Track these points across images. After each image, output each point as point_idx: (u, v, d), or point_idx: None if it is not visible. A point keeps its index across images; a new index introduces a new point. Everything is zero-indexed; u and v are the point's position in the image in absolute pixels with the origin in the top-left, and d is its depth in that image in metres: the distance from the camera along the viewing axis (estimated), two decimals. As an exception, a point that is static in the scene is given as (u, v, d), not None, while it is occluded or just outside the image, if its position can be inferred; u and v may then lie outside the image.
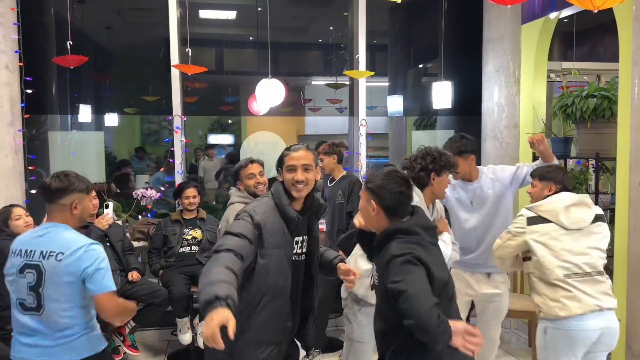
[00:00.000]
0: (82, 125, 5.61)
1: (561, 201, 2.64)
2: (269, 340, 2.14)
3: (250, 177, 3.08)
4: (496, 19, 4.62)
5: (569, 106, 4.03)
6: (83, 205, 2.17)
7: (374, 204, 2.00)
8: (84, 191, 2.17)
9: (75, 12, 5.06)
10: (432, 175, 2.55)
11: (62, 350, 2.10)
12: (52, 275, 2.07)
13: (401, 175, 2.05)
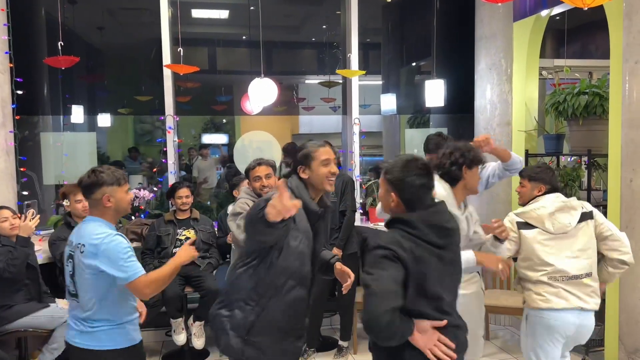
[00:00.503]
0: (74, 126, 5.59)
1: (545, 208, 2.70)
2: (292, 327, 2.16)
3: (256, 179, 3.18)
4: (488, 17, 4.63)
5: (561, 103, 4.05)
6: (116, 198, 2.23)
7: (394, 196, 1.93)
8: (115, 183, 2.23)
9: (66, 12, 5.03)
10: (464, 168, 2.52)
11: (88, 337, 2.22)
12: (78, 267, 2.20)
13: (421, 163, 1.93)
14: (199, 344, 3.98)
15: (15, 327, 3.26)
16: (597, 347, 3.86)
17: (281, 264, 2.08)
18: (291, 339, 2.17)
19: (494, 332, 4.55)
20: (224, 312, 2.13)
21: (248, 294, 2.09)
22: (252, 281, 2.09)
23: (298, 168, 2.16)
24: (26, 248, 3.20)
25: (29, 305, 3.30)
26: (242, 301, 2.10)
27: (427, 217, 1.90)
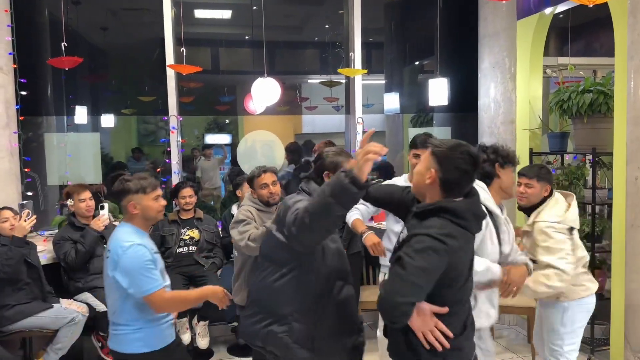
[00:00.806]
0: (78, 126, 5.59)
1: (574, 207, 2.77)
2: (352, 324, 2.17)
3: (263, 187, 3.14)
4: (492, 15, 4.62)
5: (565, 101, 4.03)
6: (142, 205, 2.25)
7: (433, 172, 1.82)
8: (140, 192, 2.25)
9: (69, 13, 5.05)
10: (497, 166, 2.40)
11: (114, 340, 2.31)
12: (104, 270, 2.30)
13: (471, 151, 1.83)
14: (203, 343, 3.98)
15: (19, 328, 3.28)
16: (603, 346, 3.85)
17: (326, 267, 2.08)
18: (354, 336, 2.17)
19: (499, 331, 4.54)
20: (278, 328, 2.07)
21: (300, 305, 2.06)
22: (301, 291, 2.05)
23: (325, 174, 2.20)
24: (21, 248, 3.20)
25: (32, 305, 3.31)
26: (296, 313, 2.06)
27: (473, 207, 1.84)
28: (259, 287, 2.17)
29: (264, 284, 2.13)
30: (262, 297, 2.15)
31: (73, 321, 3.31)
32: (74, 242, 3.66)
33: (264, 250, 2.23)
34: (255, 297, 2.21)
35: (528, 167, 2.98)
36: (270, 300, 2.11)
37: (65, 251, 3.63)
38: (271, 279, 2.10)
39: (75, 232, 3.71)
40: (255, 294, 2.21)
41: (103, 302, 3.55)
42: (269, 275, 2.11)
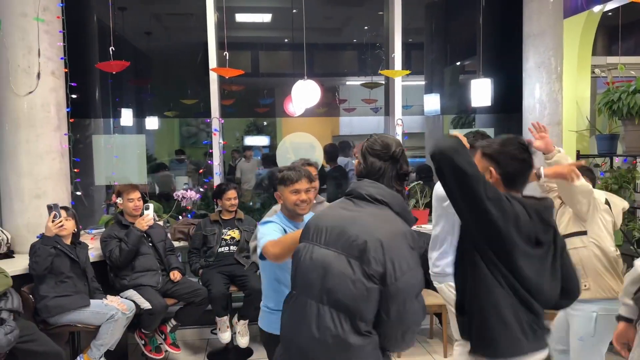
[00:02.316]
0: (123, 128, 5.77)
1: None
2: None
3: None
4: (537, 13, 4.50)
5: (615, 102, 3.89)
6: (284, 196, 2.45)
7: (493, 171, 1.83)
8: (281, 184, 2.46)
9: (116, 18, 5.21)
10: None
11: (259, 318, 2.53)
12: None
13: (520, 140, 1.86)
14: (243, 342, 4.03)
15: (63, 322, 3.35)
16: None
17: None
18: None
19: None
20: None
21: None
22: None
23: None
24: (47, 247, 3.30)
25: (70, 299, 3.36)
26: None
27: (534, 205, 1.84)
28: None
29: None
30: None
31: (112, 318, 3.36)
32: (119, 240, 3.77)
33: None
34: None
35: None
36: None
37: (111, 249, 3.74)
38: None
39: (122, 230, 3.83)
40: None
41: (148, 299, 3.64)
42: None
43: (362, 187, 1.79)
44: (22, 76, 3.77)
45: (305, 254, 1.76)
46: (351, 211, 1.77)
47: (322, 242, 1.73)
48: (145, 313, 3.62)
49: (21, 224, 3.84)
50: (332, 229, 1.73)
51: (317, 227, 1.78)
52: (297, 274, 1.79)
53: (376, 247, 1.62)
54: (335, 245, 1.69)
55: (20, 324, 3.03)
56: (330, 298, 1.65)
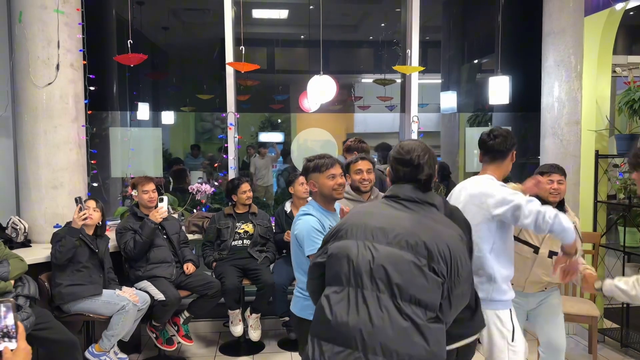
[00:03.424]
0: (140, 122, 5.82)
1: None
2: None
3: (358, 172, 3.19)
4: (557, 11, 4.44)
5: (636, 101, 3.83)
6: (320, 183, 2.51)
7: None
8: (315, 171, 2.51)
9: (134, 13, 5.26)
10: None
11: (292, 302, 2.63)
12: None
13: None
14: (255, 335, 4.04)
15: (76, 310, 3.38)
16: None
17: None
18: None
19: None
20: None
21: None
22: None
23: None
24: (73, 239, 3.34)
25: (83, 288, 3.39)
26: None
27: None
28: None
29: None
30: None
31: (124, 309, 3.37)
32: (134, 232, 3.80)
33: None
34: None
35: (555, 164, 3.00)
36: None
37: (126, 240, 3.77)
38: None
39: (137, 222, 3.85)
40: None
41: (162, 291, 3.67)
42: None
43: (408, 189, 1.90)
44: (42, 67, 3.81)
45: (362, 251, 1.79)
46: (405, 212, 1.86)
47: (383, 241, 1.78)
48: (158, 304, 3.65)
49: (38, 214, 3.89)
50: (391, 228, 1.79)
51: (368, 226, 1.82)
52: (350, 270, 1.78)
53: (444, 249, 1.75)
54: (400, 244, 1.76)
55: (36, 311, 3.06)
56: (402, 292, 1.72)
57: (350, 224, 1.86)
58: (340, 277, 1.79)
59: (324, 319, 1.76)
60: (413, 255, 1.73)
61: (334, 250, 1.83)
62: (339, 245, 1.84)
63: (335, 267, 1.81)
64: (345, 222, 1.89)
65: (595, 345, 3.78)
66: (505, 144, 2.45)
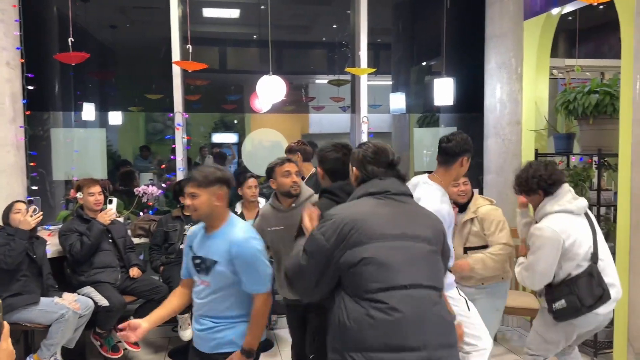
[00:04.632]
0: (86, 123, 5.64)
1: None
2: None
3: (286, 174, 2.90)
4: (499, 15, 4.60)
5: (571, 102, 4.00)
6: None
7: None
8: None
9: (78, 10, 5.09)
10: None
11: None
12: None
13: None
14: (186, 336, 3.97)
15: (12, 320, 3.23)
16: (606, 349, 3.81)
17: None
18: None
19: (501, 333, 4.50)
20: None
21: None
22: None
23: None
24: (24, 241, 3.22)
25: (18, 298, 3.26)
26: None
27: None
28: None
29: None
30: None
31: (63, 317, 3.26)
32: (80, 234, 3.69)
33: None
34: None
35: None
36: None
37: (71, 242, 3.66)
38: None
39: (82, 224, 3.74)
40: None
41: (106, 296, 3.57)
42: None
43: (397, 184, 1.97)
44: (-25, 66, 3.65)
45: (395, 252, 1.81)
46: (405, 206, 1.95)
47: (408, 238, 1.85)
48: (102, 311, 3.55)
49: (-27, 219, 3.71)
50: (407, 225, 1.88)
51: (383, 226, 1.84)
52: (389, 274, 1.77)
53: (438, 234, 1.95)
54: (420, 239, 1.87)
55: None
56: (437, 283, 1.87)
57: (361, 228, 1.81)
58: (378, 283, 1.75)
59: (374, 328, 1.72)
60: (431, 245, 1.88)
61: (360, 258, 1.78)
62: (361, 251, 1.78)
63: (367, 275, 1.76)
64: (348, 226, 1.81)
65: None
66: (457, 148, 2.52)
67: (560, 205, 2.66)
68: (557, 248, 2.59)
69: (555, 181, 2.69)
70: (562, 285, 2.63)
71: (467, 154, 2.56)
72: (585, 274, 2.59)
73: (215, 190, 2.19)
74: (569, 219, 2.64)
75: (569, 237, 2.60)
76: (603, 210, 4.09)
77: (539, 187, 2.69)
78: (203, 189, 2.18)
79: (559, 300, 2.61)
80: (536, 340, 2.85)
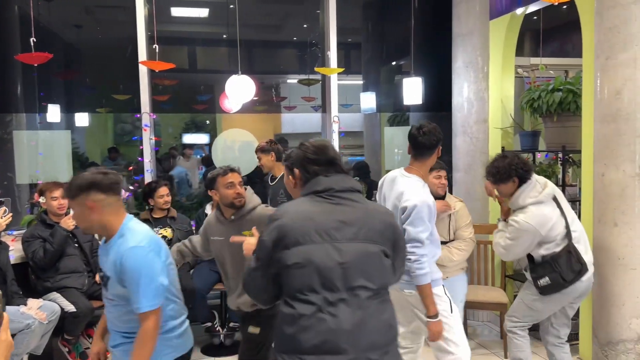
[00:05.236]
0: (52, 125, 5.51)
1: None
2: None
3: (229, 186, 2.73)
4: (465, 14, 4.66)
5: (536, 100, 4.09)
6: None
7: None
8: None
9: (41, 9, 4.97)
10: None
11: None
12: None
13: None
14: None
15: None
16: (573, 341, 3.90)
17: None
18: None
19: (472, 327, 4.57)
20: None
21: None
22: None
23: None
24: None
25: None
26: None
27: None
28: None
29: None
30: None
31: (28, 327, 3.14)
32: (43, 241, 3.59)
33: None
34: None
35: (441, 162, 3.36)
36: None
37: (34, 250, 3.56)
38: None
39: (46, 229, 3.65)
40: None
41: (72, 302, 3.49)
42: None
43: (342, 181, 1.87)
44: None
45: (327, 254, 1.74)
46: (346, 204, 1.83)
47: (343, 239, 1.77)
48: (69, 316, 3.47)
49: None
50: (346, 224, 1.78)
51: (321, 227, 1.76)
52: (320, 277, 1.72)
53: (386, 230, 1.85)
54: (359, 238, 1.79)
55: None
56: (375, 284, 1.78)
57: (297, 229, 1.76)
58: (312, 286, 1.72)
59: (306, 330, 1.69)
60: (373, 245, 1.80)
61: (294, 259, 1.73)
62: (295, 253, 1.74)
63: (300, 277, 1.72)
64: (286, 227, 1.76)
65: (505, 331, 3.99)
66: (433, 139, 2.60)
67: (532, 197, 2.85)
68: (532, 238, 2.83)
69: (529, 168, 2.91)
70: (544, 264, 2.88)
71: (440, 142, 2.65)
72: (565, 252, 2.84)
73: (81, 200, 1.92)
74: (541, 209, 2.83)
75: (544, 227, 2.82)
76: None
77: (516, 175, 2.86)
78: (72, 201, 1.95)
79: (543, 277, 2.86)
80: (521, 308, 3.04)
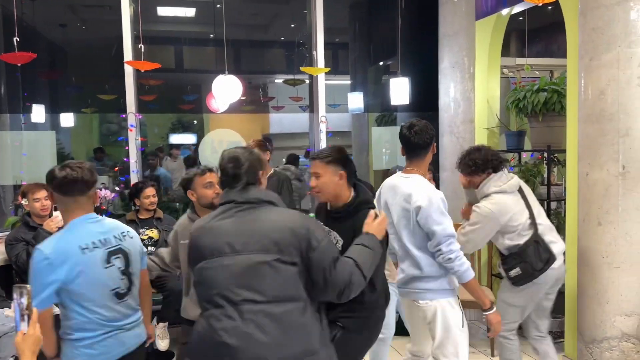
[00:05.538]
0: (36, 125, 5.44)
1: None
2: None
3: (208, 186, 2.70)
4: (451, 14, 4.68)
5: (521, 100, 4.12)
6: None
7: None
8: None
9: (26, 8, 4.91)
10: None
11: (139, 329, 2.24)
12: (134, 253, 2.23)
13: None
14: (163, 345, 3.90)
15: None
16: (558, 339, 3.93)
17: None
18: None
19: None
20: None
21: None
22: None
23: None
24: None
25: None
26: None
27: None
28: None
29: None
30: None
31: (13, 330, 3.09)
32: (26, 244, 3.54)
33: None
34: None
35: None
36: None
37: (17, 253, 3.51)
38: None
39: (29, 232, 3.60)
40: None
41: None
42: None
43: (250, 193, 1.89)
44: None
45: (221, 268, 1.81)
46: (242, 215, 1.86)
47: (232, 252, 1.80)
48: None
49: None
50: (237, 237, 1.82)
51: (217, 241, 1.84)
52: (216, 290, 1.80)
53: (287, 236, 1.79)
54: (249, 249, 1.79)
55: None
56: (267, 296, 1.76)
57: (202, 244, 1.87)
58: (211, 299, 1.81)
59: (205, 341, 1.80)
60: (264, 254, 1.77)
61: (198, 275, 1.86)
62: (199, 269, 1.86)
63: (202, 291, 1.85)
64: (197, 242, 1.89)
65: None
66: (427, 138, 2.53)
67: (496, 187, 2.94)
68: (492, 225, 2.90)
69: (502, 160, 3.02)
70: (513, 255, 2.94)
71: (434, 139, 2.61)
72: (532, 242, 2.91)
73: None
74: (503, 198, 2.92)
75: (504, 215, 2.89)
76: (554, 204, 4.22)
77: (491, 166, 2.94)
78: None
79: (514, 268, 2.92)
80: (503, 308, 3.02)
